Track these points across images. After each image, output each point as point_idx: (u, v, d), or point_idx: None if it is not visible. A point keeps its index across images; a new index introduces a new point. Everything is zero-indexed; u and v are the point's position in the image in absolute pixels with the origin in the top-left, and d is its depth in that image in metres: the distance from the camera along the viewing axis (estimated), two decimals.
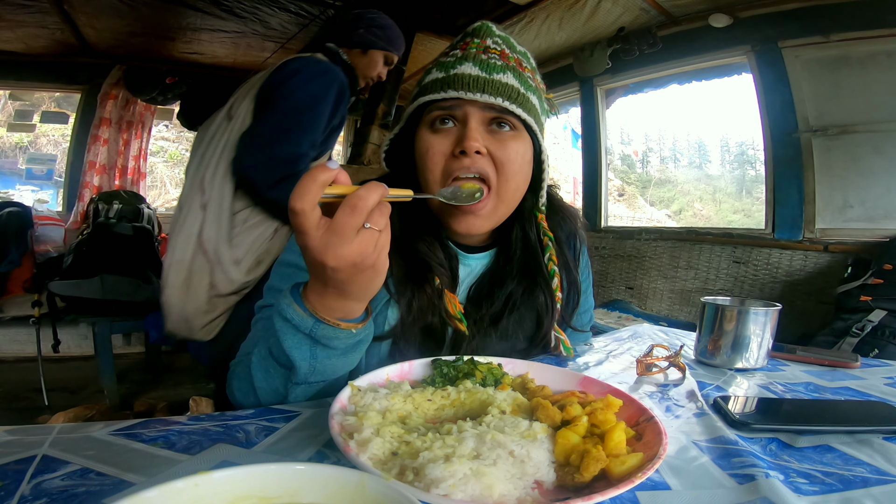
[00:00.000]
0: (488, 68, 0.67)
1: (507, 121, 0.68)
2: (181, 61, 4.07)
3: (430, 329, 0.71)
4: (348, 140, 5.34)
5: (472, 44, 0.71)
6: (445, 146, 0.68)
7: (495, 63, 0.68)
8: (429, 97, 0.68)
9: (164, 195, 7.20)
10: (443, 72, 0.68)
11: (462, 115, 0.68)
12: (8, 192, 4.66)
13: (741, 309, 0.81)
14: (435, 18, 3.34)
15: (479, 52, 0.69)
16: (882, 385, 0.76)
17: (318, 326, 0.52)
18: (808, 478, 0.46)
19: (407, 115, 0.74)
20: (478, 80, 0.66)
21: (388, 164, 0.79)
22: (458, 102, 0.67)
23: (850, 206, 2.60)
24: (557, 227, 0.83)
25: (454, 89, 0.66)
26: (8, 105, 5.21)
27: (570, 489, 0.41)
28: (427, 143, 0.69)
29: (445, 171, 0.68)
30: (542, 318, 0.77)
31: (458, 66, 0.67)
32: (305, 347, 0.53)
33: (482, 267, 0.79)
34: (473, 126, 0.66)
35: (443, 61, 0.70)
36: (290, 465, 0.30)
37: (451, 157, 0.68)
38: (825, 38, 2.54)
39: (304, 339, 0.53)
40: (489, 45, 0.70)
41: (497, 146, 0.68)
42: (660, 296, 3.37)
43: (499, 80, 0.67)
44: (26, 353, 3.06)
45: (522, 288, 0.76)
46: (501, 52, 0.70)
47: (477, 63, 0.67)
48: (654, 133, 9.73)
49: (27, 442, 0.45)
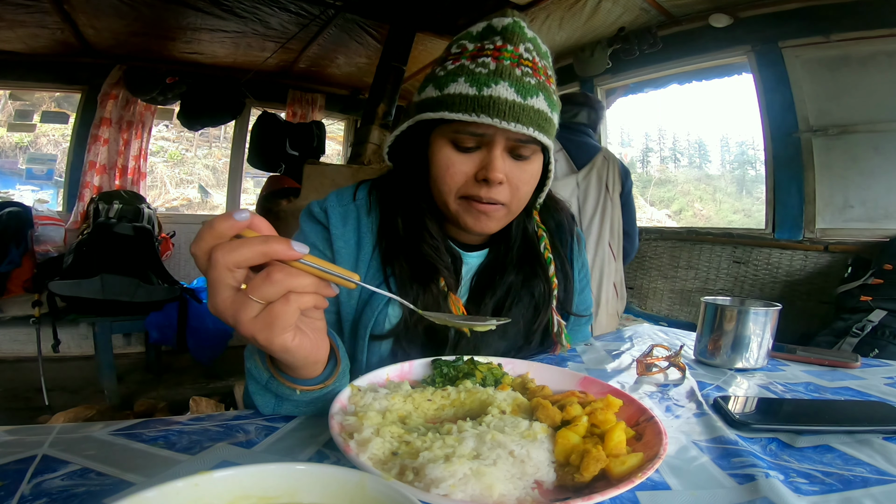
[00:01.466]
0: (523, 90, 0.63)
1: (529, 148, 0.68)
2: (181, 61, 4.07)
3: (432, 329, 0.72)
4: (348, 140, 5.35)
5: (505, 52, 0.64)
6: (468, 168, 0.67)
7: (528, 82, 0.64)
8: (458, 116, 0.63)
9: (165, 195, 7.21)
10: (474, 87, 0.63)
11: (489, 140, 0.65)
12: (8, 192, 4.67)
13: (741, 309, 0.81)
14: (435, 18, 3.34)
15: (514, 66, 0.64)
16: (882, 385, 0.76)
17: (272, 382, 0.50)
18: (808, 478, 0.46)
19: (420, 118, 0.69)
20: (513, 108, 0.62)
21: (391, 158, 0.78)
22: (488, 129, 0.64)
23: (851, 205, 2.60)
24: (549, 217, 0.86)
25: (487, 115, 0.62)
26: (8, 105, 5.22)
27: (570, 489, 0.41)
28: (449, 160, 0.67)
29: (463, 190, 0.68)
30: (540, 304, 0.79)
31: (491, 86, 0.62)
32: (269, 397, 0.52)
33: (480, 263, 0.81)
34: (498, 154, 0.65)
35: (472, 70, 0.64)
36: (290, 465, 0.30)
37: (471, 180, 0.67)
38: (825, 39, 2.54)
39: (266, 393, 0.52)
40: (522, 55, 0.65)
41: (515, 172, 0.68)
42: (660, 296, 3.37)
43: (531, 106, 0.64)
44: (26, 352, 3.06)
45: (522, 277, 0.78)
46: (533, 62, 0.66)
47: (512, 83, 0.63)
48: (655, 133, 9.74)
49: (27, 442, 0.45)
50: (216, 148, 7.77)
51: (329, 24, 3.48)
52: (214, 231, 0.38)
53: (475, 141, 0.66)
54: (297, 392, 0.50)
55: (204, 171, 7.66)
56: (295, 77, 4.63)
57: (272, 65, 4.17)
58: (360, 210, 0.76)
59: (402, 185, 0.76)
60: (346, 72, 4.52)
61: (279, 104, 4.66)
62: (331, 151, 5.50)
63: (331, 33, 3.67)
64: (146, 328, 2.77)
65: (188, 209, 6.93)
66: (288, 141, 4.18)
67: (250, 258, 0.38)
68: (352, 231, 0.74)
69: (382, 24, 3.44)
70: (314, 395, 0.51)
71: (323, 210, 0.75)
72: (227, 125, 4.81)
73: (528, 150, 0.68)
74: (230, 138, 5.04)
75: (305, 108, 4.75)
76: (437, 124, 0.68)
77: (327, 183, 2.48)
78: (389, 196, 0.76)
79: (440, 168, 0.68)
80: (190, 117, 4.19)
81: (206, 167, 7.69)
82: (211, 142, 7.80)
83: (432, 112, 0.66)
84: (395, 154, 0.77)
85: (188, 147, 7.73)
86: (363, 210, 0.76)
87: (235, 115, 4.43)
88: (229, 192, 4.87)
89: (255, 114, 4.53)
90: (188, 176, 7.56)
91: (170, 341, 2.81)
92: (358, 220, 0.75)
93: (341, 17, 3.37)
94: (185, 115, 4.18)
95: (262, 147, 4.23)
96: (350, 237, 0.73)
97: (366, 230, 0.74)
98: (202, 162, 7.73)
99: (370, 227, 0.75)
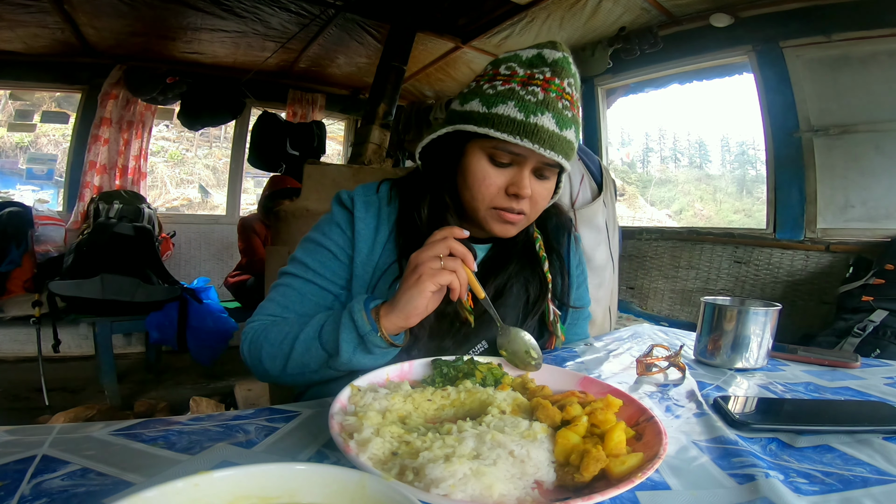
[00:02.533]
0: (561, 122, 0.71)
1: (553, 171, 0.77)
2: (181, 61, 4.07)
3: (441, 315, 0.76)
4: (349, 140, 5.35)
5: (552, 85, 0.72)
6: (501, 181, 0.75)
7: (567, 115, 0.72)
8: (504, 136, 0.70)
9: (165, 195, 7.21)
10: (522, 114, 0.70)
11: (522, 160, 0.74)
12: (8, 192, 4.67)
13: (741, 309, 0.81)
14: (435, 18, 3.34)
15: (558, 99, 0.71)
16: (882, 385, 0.76)
17: (371, 334, 0.64)
18: (808, 478, 0.46)
19: (462, 128, 0.75)
20: (551, 137, 0.70)
21: (422, 158, 0.85)
22: (526, 151, 0.72)
23: (852, 205, 2.60)
24: (548, 220, 0.94)
25: (530, 140, 0.70)
26: (8, 105, 5.22)
27: (570, 489, 0.41)
28: (485, 173, 0.75)
29: (493, 201, 0.76)
30: (536, 292, 0.87)
31: (538, 115, 0.70)
32: (352, 346, 0.65)
33: (485, 255, 0.89)
34: (527, 174, 0.75)
35: (522, 96, 0.71)
36: (290, 465, 0.30)
37: (502, 193, 0.76)
38: (826, 38, 2.54)
39: (357, 340, 0.65)
40: (565, 89, 0.73)
41: (537, 188, 0.77)
42: (661, 296, 3.37)
43: (565, 137, 0.72)
44: (26, 352, 3.06)
45: (520, 268, 0.86)
46: (572, 97, 0.74)
47: (555, 115, 0.70)
48: (655, 133, 9.74)
49: (27, 442, 0.45)
50: (216, 148, 7.77)
51: (329, 23, 3.48)
52: (455, 230, 0.66)
53: (510, 158, 0.74)
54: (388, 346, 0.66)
55: (204, 171, 7.66)
56: (295, 77, 4.63)
57: (272, 65, 4.17)
58: (381, 201, 0.86)
59: (429, 182, 0.84)
60: (346, 72, 4.52)
61: (279, 104, 4.66)
62: (331, 151, 5.50)
63: (331, 33, 3.67)
64: (146, 328, 2.76)
65: (188, 209, 6.93)
66: (288, 141, 4.18)
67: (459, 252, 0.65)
68: (372, 217, 0.84)
69: (383, 23, 3.44)
70: (388, 354, 0.67)
71: (350, 197, 0.86)
72: (227, 125, 4.81)
73: (550, 172, 0.77)
74: (230, 138, 5.04)
75: (306, 108, 4.75)
76: (476, 136, 0.74)
77: (328, 183, 2.47)
78: (412, 192, 0.85)
79: (476, 178, 0.76)
80: (190, 117, 4.19)
81: (207, 167, 7.69)
82: (211, 142, 7.80)
83: (477, 126, 0.73)
84: (424, 156, 0.85)
85: (188, 147, 7.74)
86: (384, 201, 0.86)
87: (235, 115, 4.42)
88: (229, 192, 4.88)
89: (255, 114, 4.52)
90: (188, 176, 7.56)
91: (170, 341, 2.80)
92: (379, 208, 0.85)
93: (341, 16, 3.37)
94: (186, 115, 4.18)
95: (263, 147, 4.23)
96: (370, 221, 0.83)
97: (384, 218, 0.84)
98: (202, 162, 7.74)
99: (388, 217, 0.84)
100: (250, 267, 3.21)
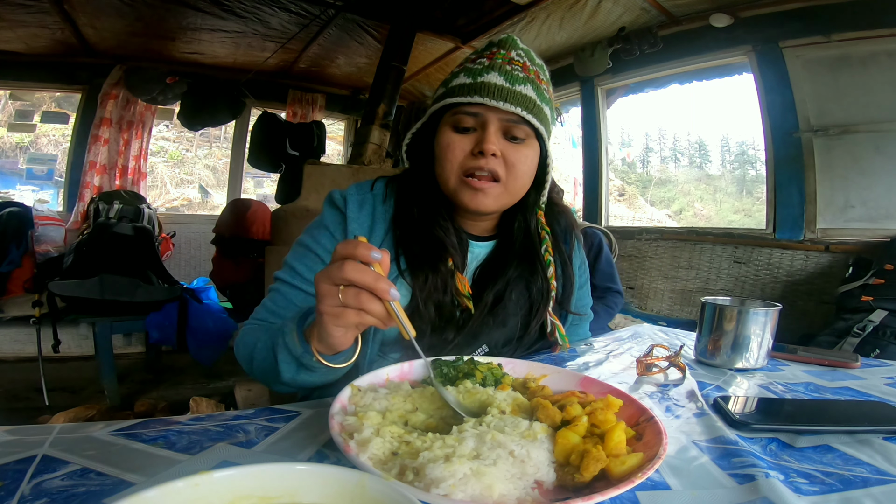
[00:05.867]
0: (511, 79, 0.74)
1: (522, 129, 0.75)
2: (181, 61, 4.07)
3: (440, 307, 0.76)
4: (348, 140, 5.35)
5: (498, 54, 0.77)
6: (466, 144, 0.75)
7: (518, 74, 0.75)
8: (455, 99, 0.74)
9: (165, 195, 7.21)
10: (470, 78, 0.74)
11: (483, 120, 0.74)
12: (8, 192, 4.68)
13: (741, 309, 0.81)
14: (435, 18, 3.34)
15: (504, 63, 0.75)
16: (882, 385, 0.76)
17: (305, 356, 0.59)
18: (808, 478, 0.46)
19: (430, 113, 0.80)
20: (501, 90, 0.72)
21: (408, 157, 0.86)
22: (481, 108, 0.73)
23: (852, 205, 2.60)
24: (554, 222, 0.92)
25: (480, 96, 0.72)
26: (8, 105, 5.22)
27: (570, 489, 0.41)
28: (449, 140, 0.76)
29: (462, 166, 0.76)
30: (538, 301, 0.84)
31: (484, 75, 0.74)
32: (293, 366, 0.61)
33: (486, 254, 0.86)
34: (492, 131, 0.74)
35: (470, 68, 0.76)
36: (290, 465, 0.30)
37: (469, 156, 0.75)
38: (826, 38, 2.54)
39: (295, 361, 0.61)
40: (513, 57, 0.77)
41: (510, 150, 0.76)
42: (661, 296, 3.37)
43: (519, 91, 0.74)
44: (26, 353, 3.06)
45: (522, 272, 0.83)
46: (524, 64, 0.77)
47: (502, 73, 0.74)
48: (655, 133, 9.73)
49: (27, 442, 0.45)
50: (216, 148, 7.77)
51: (329, 24, 3.48)
52: (358, 251, 0.50)
53: (472, 121, 0.75)
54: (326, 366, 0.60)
55: (204, 172, 7.66)
56: (295, 77, 4.63)
57: (272, 65, 4.17)
58: (375, 199, 0.84)
59: (419, 178, 0.84)
60: (346, 72, 4.52)
61: (279, 104, 4.66)
62: (331, 151, 5.51)
63: (331, 33, 3.67)
64: (146, 328, 2.76)
65: (188, 209, 6.93)
66: (288, 141, 4.18)
67: (360, 282, 0.50)
68: (367, 216, 0.82)
69: (382, 24, 3.44)
70: (331, 375, 0.63)
71: (343, 197, 0.83)
72: (227, 125, 4.81)
73: (521, 132, 0.75)
74: (230, 138, 5.05)
75: (305, 108, 4.75)
76: (441, 116, 0.78)
77: (327, 183, 2.47)
78: (406, 189, 0.85)
79: (442, 148, 0.77)
80: (190, 117, 4.19)
81: (207, 167, 7.70)
82: (211, 142, 7.81)
83: (438, 103, 0.77)
84: (411, 153, 0.87)
85: (188, 147, 7.74)
86: (378, 199, 0.84)
87: (235, 115, 4.43)
88: (229, 193, 4.88)
89: (255, 114, 4.52)
90: (188, 176, 7.57)
91: (170, 341, 2.80)
92: (373, 207, 0.83)
93: (341, 17, 3.37)
94: (186, 115, 4.18)
95: (263, 147, 4.23)
96: (364, 221, 0.82)
97: (379, 216, 0.83)
98: (202, 162, 7.74)
99: (384, 215, 0.83)
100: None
